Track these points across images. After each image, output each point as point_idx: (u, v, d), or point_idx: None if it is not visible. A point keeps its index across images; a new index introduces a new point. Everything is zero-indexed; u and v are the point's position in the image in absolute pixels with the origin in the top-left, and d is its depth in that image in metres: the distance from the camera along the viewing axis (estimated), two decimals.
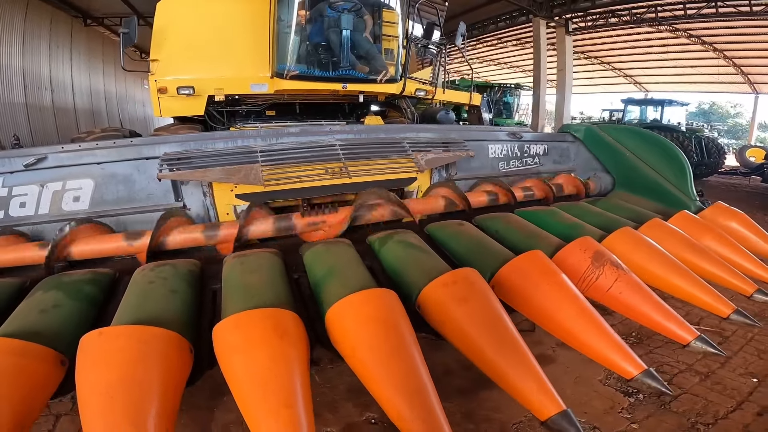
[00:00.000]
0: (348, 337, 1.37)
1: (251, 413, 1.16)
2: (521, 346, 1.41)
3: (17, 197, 2.20)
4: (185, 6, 3.94)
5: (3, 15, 10.06)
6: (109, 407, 1.12)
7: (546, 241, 2.26)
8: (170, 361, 1.27)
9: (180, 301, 1.59)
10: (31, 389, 1.27)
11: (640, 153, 3.36)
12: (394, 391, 1.21)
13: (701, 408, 2.08)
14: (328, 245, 2.08)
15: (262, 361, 1.20)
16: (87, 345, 1.25)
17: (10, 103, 10.32)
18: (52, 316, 1.52)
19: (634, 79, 22.31)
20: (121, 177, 2.29)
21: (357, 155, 2.54)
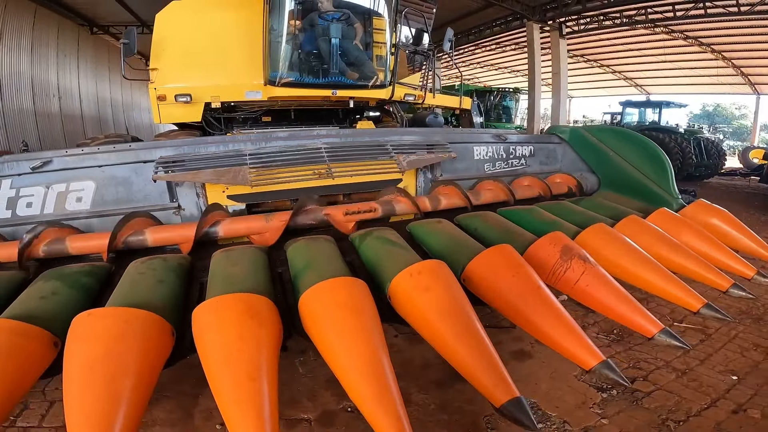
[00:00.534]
0: (315, 321, 1.48)
1: (217, 385, 1.27)
2: (480, 334, 1.49)
3: (24, 198, 2.36)
4: (182, 17, 4.11)
5: (12, 23, 10.33)
6: (89, 378, 1.24)
7: (521, 237, 2.36)
8: (150, 341, 1.39)
9: (167, 290, 1.73)
10: (24, 365, 1.40)
11: (623, 153, 3.45)
12: (354, 373, 1.31)
13: (674, 405, 2.08)
14: (309, 240, 2.20)
15: (231, 339, 1.32)
16: (77, 324, 1.38)
17: (19, 110, 10.59)
18: (50, 303, 1.66)
19: (634, 81, 22.31)
20: (121, 179, 2.45)
21: (341, 157, 2.67)
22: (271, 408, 1.21)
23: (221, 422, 1.97)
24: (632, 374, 2.33)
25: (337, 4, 4.01)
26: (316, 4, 3.94)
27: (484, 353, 1.42)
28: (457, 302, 1.58)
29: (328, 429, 1.94)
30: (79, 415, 1.19)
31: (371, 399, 1.24)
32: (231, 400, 1.22)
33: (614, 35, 15.86)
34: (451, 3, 12.41)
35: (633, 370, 2.38)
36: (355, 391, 1.29)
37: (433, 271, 1.67)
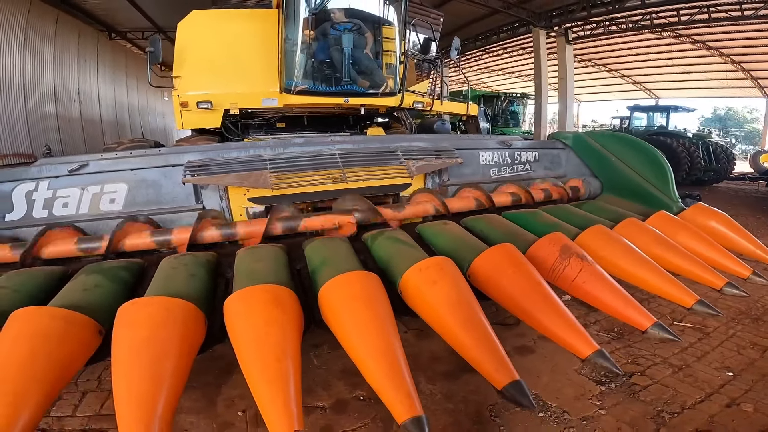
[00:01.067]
0: (333, 310, 1.63)
1: (248, 366, 1.41)
2: (483, 323, 1.63)
3: (60, 198, 2.55)
4: (203, 26, 4.32)
5: (35, 29, 10.65)
6: (136, 361, 1.38)
7: (523, 237, 2.49)
8: (187, 327, 1.55)
9: (198, 283, 1.90)
10: (74, 351, 1.54)
11: (625, 158, 3.57)
12: (369, 356, 1.45)
13: (669, 398, 2.17)
14: (326, 240, 2.36)
15: (259, 324, 1.47)
16: (123, 312, 1.54)
17: (42, 114, 10.91)
18: (93, 294, 1.83)
19: (643, 85, 22.28)
20: (151, 182, 2.64)
21: (354, 163, 2.83)
22: (296, 387, 1.35)
23: (243, 409, 2.13)
24: (630, 369, 2.44)
25: (348, 14, 4.20)
26: (329, 14, 4.12)
27: (487, 340, 1.55)
28: (463, 294, 1.72)
29: (341, 415, 2.08)
30: (127, 394, 1.31)
31: (385, 379, 1.38)
32: (260, 380, 1.36)
33: (621, 39, 15.92)
34: (458, 10, 12.61)
35: (631, 365, 2.49)
36: (370, 372, 1.43)
37: (441, 267, 1.82)
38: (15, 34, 9.98)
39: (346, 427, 2.00)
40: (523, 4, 12.47)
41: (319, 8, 4.00)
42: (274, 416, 1.28)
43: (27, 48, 10.37)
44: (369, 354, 1.44)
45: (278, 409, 1.28)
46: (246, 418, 2.07)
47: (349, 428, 1.99)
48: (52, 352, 1.46)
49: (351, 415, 2.08)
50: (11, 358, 1.40)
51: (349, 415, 2.08)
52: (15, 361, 1.39)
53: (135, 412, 1.27)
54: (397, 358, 1.43)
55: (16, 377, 1.35)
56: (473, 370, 2.31)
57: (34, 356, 1.41)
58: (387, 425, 1.99)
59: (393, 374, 1.39)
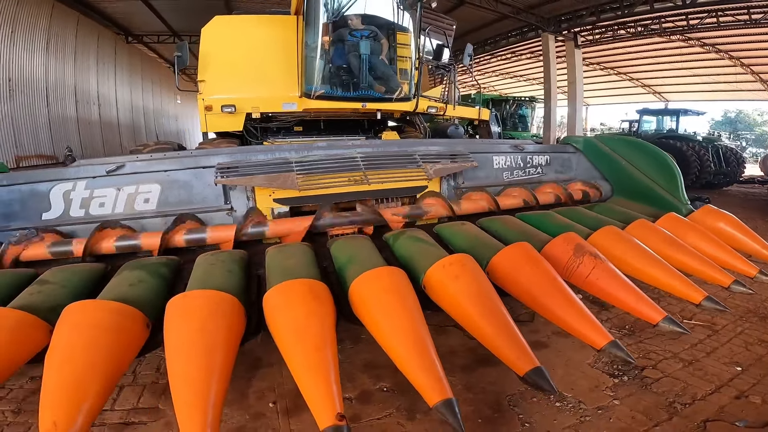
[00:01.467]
0: (365, 303, 1.75)
1: (290, 355, 1.50)
2: (504, 314, 1.73)
3: (97, 198, 2.68)
4: (225, 31, 4.47)
5: (57, 32, 10.90)
6: (191, 350, 1.47)
7: (537, 237, 2.58)
8: (232, 319, 1.65)
9: (235, 278, 2.02)
10: (126, 342, 1.62)
11: (635, 161, 3.65)
12: (400, 343, 1.55)
13: (680, 390, 2.25)
14: (350, 239, 2.49)
15: (299, 316, 1.58)
16: (174, 305, 1.64)
17: (64, 117, 11.16)
18: (139, 289, 1.94)
19: (652, 89, 22.21)
20: (182, 183, 2.77)
21: (375, 166, 2.95)
22: (335, 374, 1.44)
23: (273, 401, 2.24)
24: (642, 363, 2.53)
25: (365, 21, 4.34)
26: (346, 21, 4.27)
27: (508, 330, 1.65)
28: (484, 288, 1.83)
29: (366, 405, 2.19)
30: (183, 381, 1.40)
31: (416, 365, 1.48)
32: (303, 368, 1.45)
33: (631, 43, 15.94)
34: (467, 15, 12.76)
35: (643, 359, 2.58)
36: (402, 359, 1.52)
37: (462, 263, 1.93)
38: (38, 37, 10.22)
39: (372, 416, 2.10)
40: (532, 10, 12.59)
41: (337, 15, 4.14)
42: (317, 401, 1.36)
43: (50, 51, 10.63)
44: (401, 342, 1.55)
45: (321, 395, 1.36)
46: (276, 409, 2.19)
47: (374, 417, 2.09)
48: (109, 343, 1.53)
49: (376, 405, 2.18)
50: (70, 349, 1.46)
51: (374, 405, 2.18)
52: (74, 352, 1.44)
53: (191, 397, 1.34)
54: (427, 346, 1.54)
55: (77, 367, 1.40)
56: (490, 364, 2.47)
57: (92, 347, 1.48)
58: (410, 414, 2.10)
59: (424, 360, 1.49)
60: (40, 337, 1.67)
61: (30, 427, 2.07)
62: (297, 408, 2.16)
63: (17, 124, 9.43)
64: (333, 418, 1.30)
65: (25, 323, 1.65)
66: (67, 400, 1.31)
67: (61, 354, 1.46)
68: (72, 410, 1.29)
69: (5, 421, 2.12)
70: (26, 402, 2.27)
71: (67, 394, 1.32)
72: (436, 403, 1.38)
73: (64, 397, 1.32)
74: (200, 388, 1.37)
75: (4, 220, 2.63)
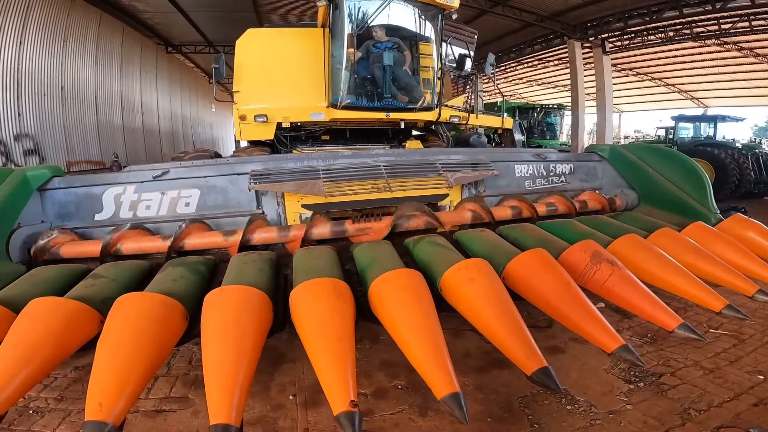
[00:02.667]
0: (383, 301, 1.86)
1: (312, 346, 1.62)
2: (515, 315, 1.79)
3: (144, 201, 2.94)
4: (257, 44, 4.74)
5: (104, 43, 11.59)
6: (224, 338, 1.62)
7: (555, 244, 2.61)
8: (261, 312, 1.80)
9: (265, 276, 2.19)
10: (169, 331, 1.77)
11: (662, 169, 3.61)
12: (413, 339, 1.65)
13: (697, 396, 2.26)
14: (372, 244, 2.63)
15: (322, 310, 1.71)
16: (211, 298, 1.80)
17: (110, 124, 11.86)
18: (180, 284, 2.14)
19: (689, 94, 21.40)
20: (219, 188, 3.00)
21: (397, 174, 3.09)
22: (351, 365, 1.55)
23: (293, 394, 2.39)
24: (661, 370, 2.53)
25: (388, 33, 4.51)
26: (370, 33, 4.44)
27: (519, 330, 1.72)
28: (497, 290, 1.91)
29: (381, 401, 2.30)
30: (215, 364, 1.53)
31: (427, 359, 1.57)
32: (323, 357, 1.57)
33: (664, 48, 15.45)
34: (490, 24, 12.80)
35: (662, 366, 2.58)
36: (413, 353, 1.62)
37: (477, 267, 2.02)
38: (88, 47, 10.93)
39: (385, 411, 2.22)
40: (557, 17, 12.49)
41: (361, 28, 4.32)
42: (333, 388, 1.46)
43: (98, 60, 11.35)
44: (413, 337, 1.65)
45: (338, 383, 1.47)
46: (296, 401, 2.33)
47: (388, 412, 2.21)
48: (154, 331, 1.67)
49: (390, 402, 2.29)
50: (120, 335, 1.61)
51: (388, 402, 2.30)
52: (123, 339, 1.58)
53: (222, 379, 1.48)
54: (439, 342, 1.63)
55: (124, 353, 1.53)
56: (504, 366, 2.55)
57: (139, 334, 1.62)
58: (422, 411, 2.20)
59: (434, 355, 1.58)
60: (91, 326, 1.84)
61: (69, 413, 2.25)
62: (315, 402, 2.30)
63: (69, 130, 10.14)
64: (347, 404, 1.39)
65: (79, 312, 1.82)
66: (112, 383, 1.43)
67: (112, 340, 1.60)
68: (116, 393, 1.40)
69: (47, 407, 2.31)
70: (68, 390, 2.47)
71: (114, 377, 1.44)
72: (444, 396, 1.45)
73: (111, 381, 1.43)
74: (230, 371, 1.50)
75: (59, 220, 2.91)
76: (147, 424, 2.18)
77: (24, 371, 1.51)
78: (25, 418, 2.24)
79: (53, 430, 2.14)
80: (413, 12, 4.62)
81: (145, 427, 2.15)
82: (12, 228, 2.62)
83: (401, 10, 4.56)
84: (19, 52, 8.75)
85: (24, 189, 2.76)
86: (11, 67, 8.56)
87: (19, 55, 8.75)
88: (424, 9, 4.60)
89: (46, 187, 2.89)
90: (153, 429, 2.14)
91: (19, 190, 2.72)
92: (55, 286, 2.19)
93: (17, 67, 8.71)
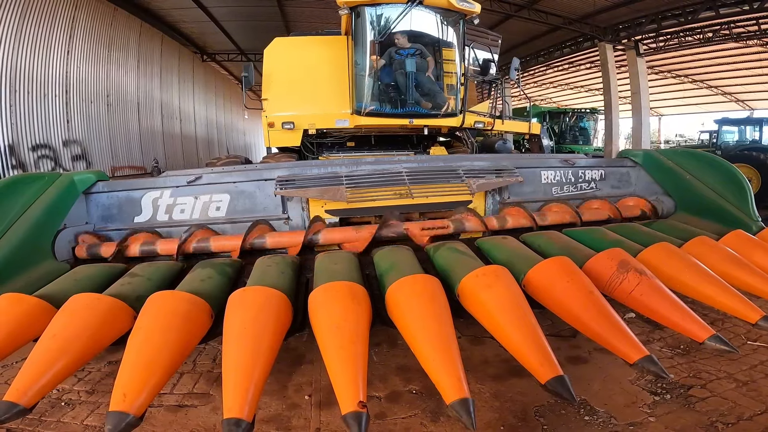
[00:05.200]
0: (398, 306, 1.89)
1: (326, 346, 1.66)
2: (531, 322, 1.77)
3: (179, 205, 3.10)
4: (284, 52, 4.88)
5: (144, 51, 12.21)
6: (242, 335, 1.68)
7: (581, 252, 2.54)
8: (280, 312, 1.87)
9: (287, 279, 2.27)
10: (195, 327, 1.87)
11: (700, 175, 3.46)
12: (426, 343, 1.66)
13: (726, 409, 2.16)
14: (392, 249, 2.66)
15: (339, 312, 1.76)
16: (234, 297, 1.89)
17: (152, 131, 12.47)
18: (208, 284, 2.24)
19: (734, 96, 20.29)
20: (248, 193, 3.12)
21: (419, 180, 3.11)
22: (363, 367, 1.58)
23: (309, 394, 2.45)
24: (691, 382, 2.44)
25: (411, 39, 4.54)
26: (393, 40, 4.49)
27: (534, 337, 1.70)
28: (514, 297, 1.89)
29: (394, 405, 2.33)
30: (233, 359, 1.60)
31: (438, 363, 1.58)
32: (336, 357, 1.61)
33: (703, 49, 14.78)
34: (516, 28, 12.63)
35: (692, 379, 2.48)
36: (425, 357, 1.63)
37: (496, 274, 2.02)
38: (130, 55, 11.55)
39: (398, 415, 2.23)
40: (586, 20, 12.17)
41: (383, 35, 4.37)
42: (343, 388, 1.50)
43: (139, 68, 11.97)
44: (426, 341, 1.67)
45: (348, 383, 1.51)
46: (311, 401, 2.39)
47: (400, 416, 2.23)
48: (181, 327, 1.77)
49: (403, 406, 2.31)
50: (149, 330, 1.71)
51: (401, 405, 2.31)
52: (152, 333, 1.66)
53: (237, 375, 1.54)
54: (451, 347, 1.63)
55: (152, 346, 1.61)
56: (521, 375, 2.52)
57: (167, 329, 1.71)
58: (435, 416, 2.20)
59: (445, 360, 1.58)
60: (126, 321, 1.94)
61: (99, 406, 2.34)
62: (329, 402, 2.35)
63: (114, 136, 10.74)
64: (355, 404, 1.42)
65: (115, 308, 1.94)
66: (138, 375, 1.49)
67: (141, 334, 1.69)
68: (140, 385, 1.46)
69: (78, 400, 2.42)
70: (100, 384, 2.60)
71: (139, 370, 1.51)
72: (453, 401, 1.45)
73: (136, 373, 1.50)
74: (246, 367, 1.56)
75: (102, 222, 3.12)
76: (168, 418, 2.26)
77: (59, 363, 1.58)
78: (56, 409, 2.34)
79: (81, 421, 2.24)
80: (435, 18, 4.65)
81: (167, 420, 2.24)
82: (58, 229, 2.81)
83: (423, 16, 4.61)
84: (67, 61, 9.35)
85: (71, 192, 2.96)
86: (60, 76, 9.15)
87: (67, 64, 9.35)
88: (445, 15, 4.62)
89: (91, 190, 3.10)
90: (174, 423, 2.22)
91: (66, 193, 2.92)
92: (95, 284, 2.33)
93: (66, 76, 9.31)
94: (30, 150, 8.37)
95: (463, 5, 4.38)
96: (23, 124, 8.19)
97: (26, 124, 8.26)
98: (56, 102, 9.02)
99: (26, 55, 8.25)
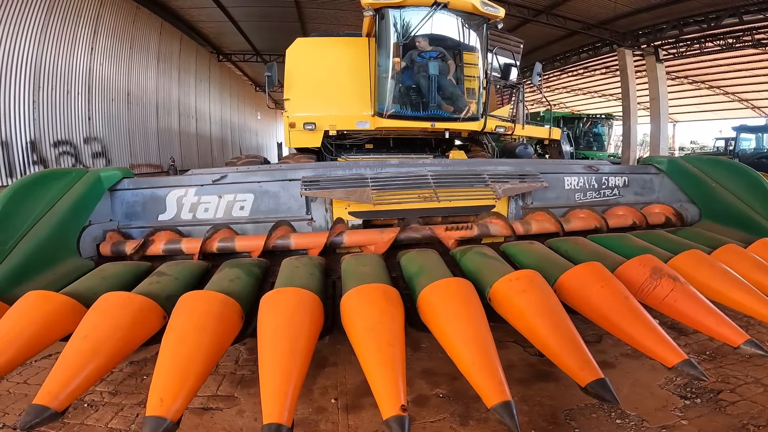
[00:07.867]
0: (434, 310, 1.88)
1: (363, 350, 1.65)
2: (569, 326, 1.75)
3: (203, 204, 3.10)
4: (306, 53, 4.89)
5: (165, 50, 12.34)
6: (279, 338, 1.67)
7: (611, 258, 2.51)
8: (314, 313, 1.86)
9: (316, 280, 2.25)
10: (227, 328, 1.84)
11: (726, 183, 3.42)
12: (465, 347, 1.65)
13: (757, 413, 2.16)
14: (419, 252, 2.65)
15: (375, 315, 1.75)
16: (267, 299, 1.87)
17: (169, 129, 12.57)
18: (236, 284, 2.22)
19: (751, 103, 20.00)
20: (272, 193, 3.12)
21: (445, 184, 3.10)
22: (402, 369, 1.58)
23: (335, 397, 2.44)
24: (719, 387, 2.43)
25: (433, 43, 4.54)
26: (415, 43, 4.49)
27: (573, 341, 1.68)
28: (550, 301, 1.87)
29: (422, 409, 2.31)
30: (271, 362, 1.58)
31: (479, 367, 1.57)
32: (374, 362, 1.59)
33: (723, 55, 14.58)
34: (533, 33, 12.58)
35: (721, 383, 2.47)
36: (465, 362, 1.62)
37: (530, 278, 2.00)
38: (150, 54, 11.67)
39: (426, 419, 2.22)
40: (604, 25, 12.08)
41: (406, 37, 4.38)
42: (384, 393, 1.48)
43: (159, 67, 12.09)
44: (465, 344, 1.65)
45: (389, 387, 1.50)
46: (338, 405, 2.37)
47: (428, 420, 2.21)
48: (215, 329, 1.74)
49: (431, 410, 2.29)
50: (184, 331, 1.68)
51: (429, 409, 2.30)
52: (187, 334, 1.64)
53: (276, 380, 1.51)
54: (490, 351, 1.62)
55: (187, 348, 1.58)
56: (549, 379, 2.49)
57: (201, 330, 1.69)
58: (463, 420, 2.19)
59: (486, 363, 1.57)
60: (156, 321, 1.92)
61: (122, 408, 2.32)
62: (356, 406, 2.33)
63: (133, 134, 10.86)
64: (398, 408, 1.41)
65: (146, 308, 1.90)
66: (174, 379, 1.46)
67: (176, 336, 1.67)
68: (176, 389, 1.43)
69: (101, 401, 2.39)
70: (123, 385, 2.56)
71: (175, 373, 1.48)
72: (495, 404, 1.44)
73: (172, 376, 1.47)
74: (284, 371, 1.54)
75: (126, 219, 3.13)
76: (194, 421, 2.24)
77: (91, 364, 1.53)
78: (79, 411, 2.30)
79: (105, 424, 2.20)
80: (458, 22, 4.65)
81: (192, 424, 2.21)
82: (84, 225, 2.81)
83: (446, 20, 4.60)
84: (90, 58, 9.46)
85: (97, 189, 2.96)
86: (84, 73, 9.26)
87: (90, 61, 9.46)
88: (468, 19, 4.62)
89: (117, 187, 3.10)
90: (200, 426, 2.20)
91: (92, 189, 2.92)
92: (122, 282, 2.32)
93: (89, 73, 9.42)
94: (51, 146, 8.47)
95: (487, 9, 4.38)
96: (45, 120, 8.30)
97: (48, 120, 8.37)
98: (79, 99, 9.14)
99: (50, 52, 8.36)
